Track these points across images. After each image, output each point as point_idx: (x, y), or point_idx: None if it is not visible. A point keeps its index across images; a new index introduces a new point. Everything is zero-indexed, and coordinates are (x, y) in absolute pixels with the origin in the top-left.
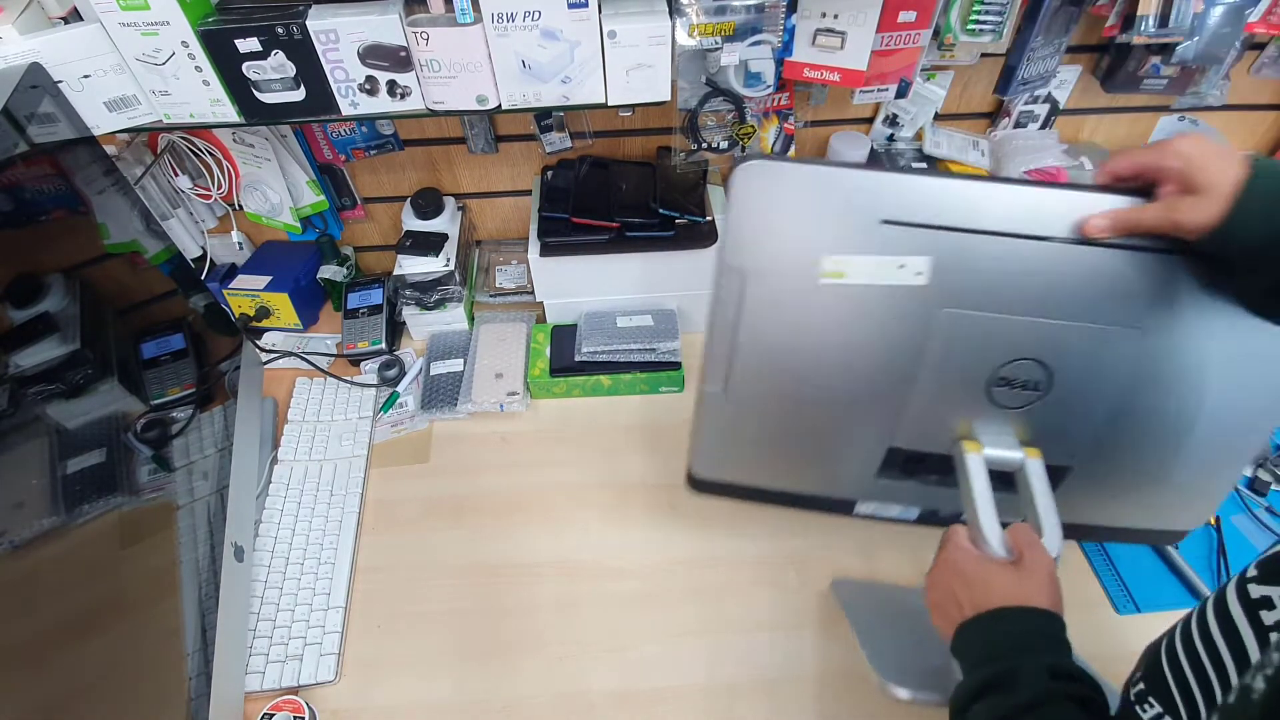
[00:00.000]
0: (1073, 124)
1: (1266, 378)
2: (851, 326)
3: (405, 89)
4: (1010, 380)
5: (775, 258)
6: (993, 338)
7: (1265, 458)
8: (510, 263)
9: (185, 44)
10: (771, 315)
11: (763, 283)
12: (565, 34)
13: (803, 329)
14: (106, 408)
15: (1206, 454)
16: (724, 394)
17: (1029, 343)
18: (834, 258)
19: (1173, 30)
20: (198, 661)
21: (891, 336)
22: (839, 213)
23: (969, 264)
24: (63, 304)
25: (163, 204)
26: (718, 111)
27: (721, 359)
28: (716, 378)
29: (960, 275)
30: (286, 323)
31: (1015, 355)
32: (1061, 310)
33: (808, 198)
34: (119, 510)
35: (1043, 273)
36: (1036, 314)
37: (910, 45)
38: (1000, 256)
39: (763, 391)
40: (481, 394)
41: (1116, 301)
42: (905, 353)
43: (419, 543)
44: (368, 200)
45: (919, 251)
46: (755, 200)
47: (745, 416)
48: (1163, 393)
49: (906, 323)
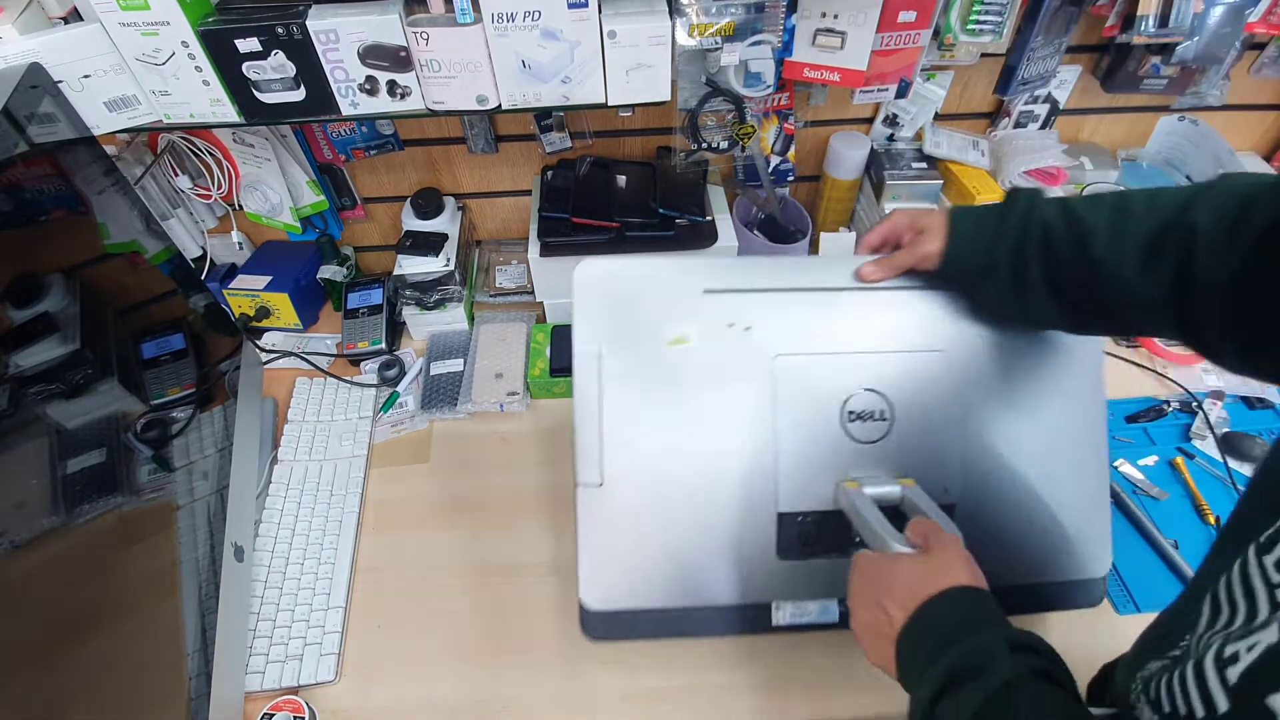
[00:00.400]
0: (1073, 124)
1: (1070, 393)
2: (705, 388)
3: (405, 89)
4: (859, 414)
5: (623, 337)
6: (827, 375)
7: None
8: (510, 263)
9: (185, 44)
10: (631, 390)
11: (617, 360)
12: (565, 34)
13: (662, 397)
14: (106, 408)
15: (1058, 477)
16: (601, 487)
17: (859, 375)
18: (672, 326)
19: (1173, 30)
20: (198, 661)
21: (743, 392)
22: (669, 290)
23: (787, 317)
24: (63, 304)
25: (163, 204)
26: (718, 111)
27: (593, 449)
28: (591, 470)
29: (782, 326)
30: (286, 323)
31: (852, 389)
32: (874, 343)
33: (640, 282)
34: (119, 510)
35: (848, 315)
36: (855, 349)
37: (910, 45)
38: (809, 305)
39: (639, 475)
40: (481, 394)
41: (912, 330)
42: (760, 406)
43: (419, 543)
44: (368, 200)
45: (741, 311)
46: (596, 292)
47: (628, 511)
48: (987, 415)
49: (752, 376)
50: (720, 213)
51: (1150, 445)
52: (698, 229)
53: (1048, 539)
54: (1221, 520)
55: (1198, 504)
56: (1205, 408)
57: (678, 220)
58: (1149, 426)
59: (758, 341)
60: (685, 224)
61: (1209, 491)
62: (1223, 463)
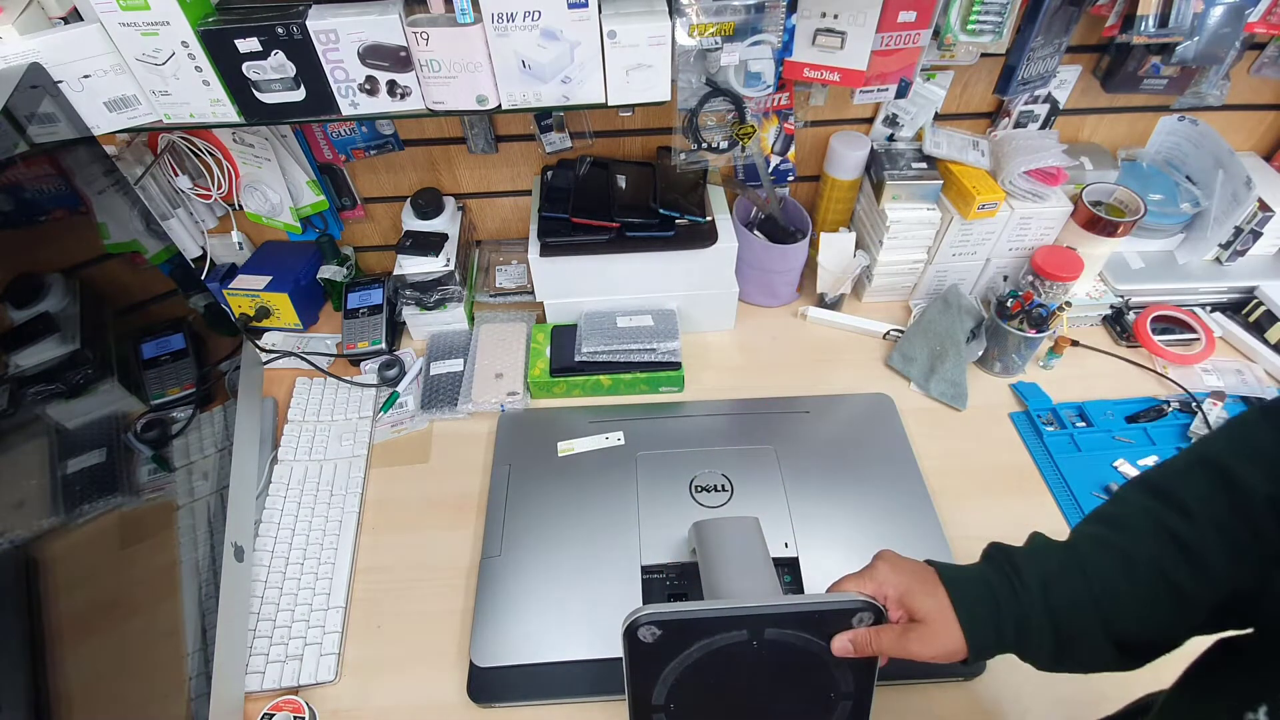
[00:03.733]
0: (1073, 124)
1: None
2: (586, 477)
3: (405, 89)
4: (705, 487)
5: (529, 451)
6: (676, 462)
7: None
8: (510, 263)
9: (185, 44)
10: (532, 485)
11: (523, 466)
12: (565, 34)
13: (554, 489)
14: (106, 408)
15: (894, 538)
16: (500, 556)
17: (701, 459)
18: (564, 442)
19: (1173, 30)
20: (198, 661)
21: (613, 477)
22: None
23: (646, 430)
24: (63, 304)
25: (163, 204)
26: (718, 111)
27: (497, 529)
28: (495, 546)
29: (644, 436)
30: (286, 323)
31: (697, 469)
32: (710, 440)
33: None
34: (119, 510)
35: (688, 426)
36: (695, 445)
37: (910, 45)
38: (663, 423)
39: (532, 543)
40: (481, 394)
41: (743, 432)
42: (625, 485)
43: (419, 543)
44: (368, 200)
45: (615, 430)
46: (510, 427)
47: (520, 574)
48: (813, 480)
49: (620, 466)
50: (720, 213)
51: (1150, 445)
52: (697, 229)
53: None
54: None
55: None
56: (1205, 408)
57: (678, 220)
58: (1149, 427)
59: (626, 447)
60: (685, 224)
61: None
62: None
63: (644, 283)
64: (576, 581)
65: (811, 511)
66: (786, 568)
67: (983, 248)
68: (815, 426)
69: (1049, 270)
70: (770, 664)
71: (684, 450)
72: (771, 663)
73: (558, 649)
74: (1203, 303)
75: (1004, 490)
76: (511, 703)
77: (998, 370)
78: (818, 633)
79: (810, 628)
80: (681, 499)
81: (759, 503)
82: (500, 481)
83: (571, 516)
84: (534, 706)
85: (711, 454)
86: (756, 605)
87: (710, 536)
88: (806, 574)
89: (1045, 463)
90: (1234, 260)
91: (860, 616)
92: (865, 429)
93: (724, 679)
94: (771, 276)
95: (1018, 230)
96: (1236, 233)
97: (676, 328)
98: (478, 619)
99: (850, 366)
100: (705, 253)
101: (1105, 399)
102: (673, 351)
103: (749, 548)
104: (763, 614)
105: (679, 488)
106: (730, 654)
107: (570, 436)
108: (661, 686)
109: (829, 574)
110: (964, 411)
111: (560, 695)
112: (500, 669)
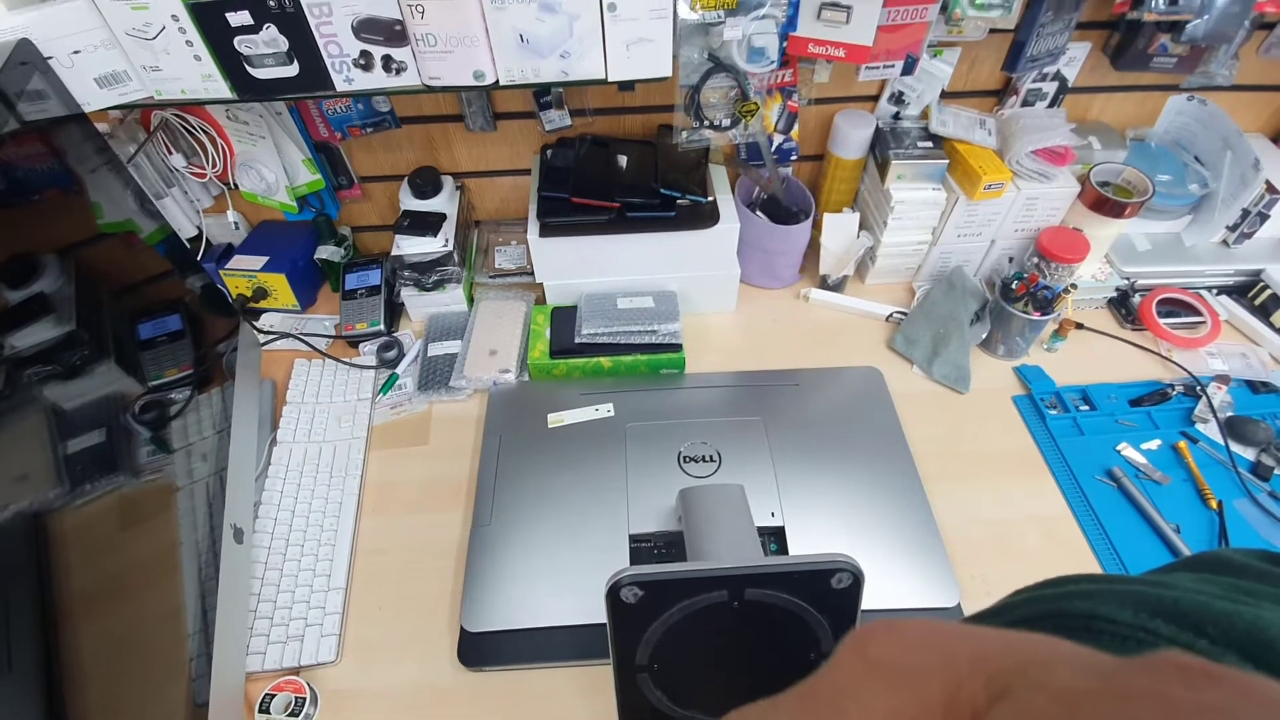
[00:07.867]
0: (1081, 102)
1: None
2: (576, 448)
3: (401, 64)
4: (693, 457)
5: (520, 423)
6: (665, 433)
7: (1269, 442)
8: (509, 243)
9: (175, 18)
10: (522, 456)
11: (513, 437)
12: (564, 7)
13: (544, 459)
14: (103, 389)
15: (881, 506)
16: (490, 526)
17: (690, 430)
18: (554, 414)
19: (1182, 8)
20: (198, 642)
21: (604, 447)
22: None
23: (635, 402)
24: (57, 284)
25: (157, 183)
26: (720, 88)
27: (487, 499)
28: (485, 515)
29: (633, 407)
30: (284, 304)
31: (685, 440)
32: (699, 413)
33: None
34: (118, 492)
35: (678, 398)
36: (684, 417)
37: (917, 20)
38: (653, 395)
39: (522, 513)
40: (474, 370)
41: (732, 404)
42: (614, 455)
43: (419, 524)
44: (364, 179)
45: (605, 402)
46: (500, 399)
47: (510, 542)
48: (800, 450)
49: (609, 437)
50: (722, 193)
51: (1154, 429)
52: (699, 210)
53: (892, 566)
54: (1225, 505)
55: (1200, 489)
56: (1209, 392)
57: (679, 200)
58: (1152, 410)
59: (616, 418)
60: (686, 204)
61: (1212, 476)
62: (1226, 447)
63: (645, 264)
64: (565, 550)
65: (798, 481)
66: (773, 536)
67: (988, 229)
68: (804, 399)
69: (1055, 252)
70: (751, 624)
71: (673, 422)
72: (752, 623)
73: (547, 615)
74: (1209, 285)
75: (1006, 473)
76: (501, 666)
77: (1001, 353)
78: (797, 592)
79: (790, 588)
80: (670, 469)
81: (747, 473)
82: (490, 452)
83: (561, 486)
84: (524, 670)
85: (700, 425)
86: (735, 566)
87: (695, 503)
88: (792, 541)
89: (1048, 446)
90: (1241, 243)
91: (839, 576)
92: (854, 402)
93: (706, 639)
94: (774, 257)
95: (1024, 211)
96: (1244, 215)
97: (677, 309)
98: (468, 586)
99: (852, 349)
100: (707, 233)
101: (1109, 382)
102: (674, 333)
103: (733, 514)
104: (742, 574)
105: (668, 458)
106: (711, 614)
107: (560, 408)
108: (645, 647)
109: (815, 542)
110: (967, 394)
111: (549, 659)
112: (490, 634)
